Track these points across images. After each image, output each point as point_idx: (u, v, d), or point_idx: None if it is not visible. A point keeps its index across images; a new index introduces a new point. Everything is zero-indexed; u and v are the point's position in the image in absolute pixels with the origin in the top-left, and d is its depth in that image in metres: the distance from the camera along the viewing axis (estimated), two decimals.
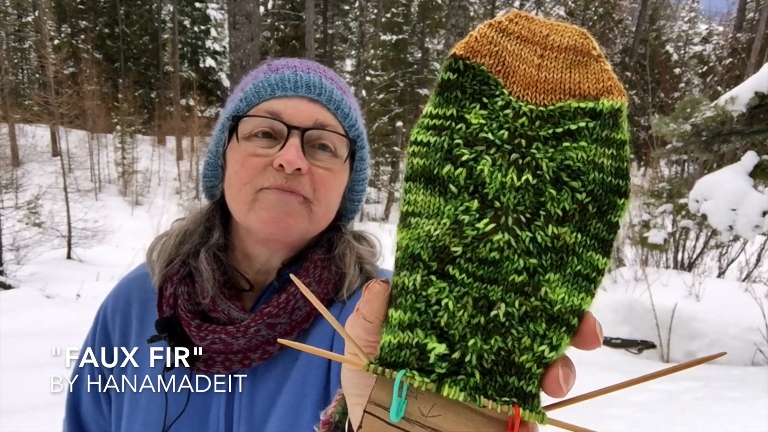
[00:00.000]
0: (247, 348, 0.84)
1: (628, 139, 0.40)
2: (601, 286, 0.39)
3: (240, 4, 6.55)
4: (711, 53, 30.19)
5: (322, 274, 0.88)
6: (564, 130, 0.39)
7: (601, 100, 0.40)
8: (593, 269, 0.38)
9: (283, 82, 0.88)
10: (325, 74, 0.93)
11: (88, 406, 1.02)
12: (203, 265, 0.88)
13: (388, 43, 24.91)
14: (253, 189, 0.84)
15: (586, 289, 0.38)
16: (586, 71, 0.41)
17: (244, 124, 0.87)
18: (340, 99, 0.90)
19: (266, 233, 0.86)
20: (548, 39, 0.41)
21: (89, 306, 6.41)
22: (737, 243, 8.72)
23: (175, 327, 0.87)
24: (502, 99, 0.41)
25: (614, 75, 0.41)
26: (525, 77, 0.41)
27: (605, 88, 0.40)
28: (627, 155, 0.39)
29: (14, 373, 4.12)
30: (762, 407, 3.93)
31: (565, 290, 0.37)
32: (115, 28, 32.07)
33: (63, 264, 10.19)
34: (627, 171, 0.39)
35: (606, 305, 6.29)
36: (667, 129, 5.94)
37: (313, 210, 0.87)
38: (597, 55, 0.41)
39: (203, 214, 0.96)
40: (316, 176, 0.86)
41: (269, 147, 0.85)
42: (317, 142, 0.88)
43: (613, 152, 0.39)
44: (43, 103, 13.68)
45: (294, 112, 0.86)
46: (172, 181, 24.91)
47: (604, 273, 0.39)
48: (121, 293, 1.01)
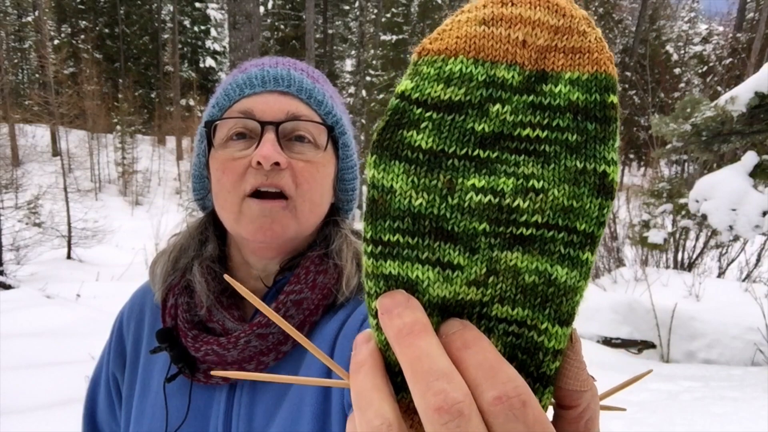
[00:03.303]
0: (242, 359, 0.83)
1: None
2: (601, 287, 0.38)
3: (240, 4, 6.55)
4: (711, 53, 30.22)
5: (316, 279, 0.86)
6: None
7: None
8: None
9: (250, 80, 0.86)
10: (294, 66, 0.91)
11: (104, 410, 1.03)
12: (196, 278, 0.87)
13: (388, 43, 24.92)
14: (238, 197, 0.83)
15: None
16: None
17: (218, 130, 0.86)
18: (312, 87, 0.88)
19: (256, 242, 0.85)
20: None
21: (89, 306, 6.41)
22: (737, 243, 8.73)
23: (176, 338, 0.87)
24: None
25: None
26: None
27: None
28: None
29: (14, 373, 4.13)
30: (761, 407, 3.93)
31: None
32: (115, 28, 32.08)
33: (63, 264, 10.20)
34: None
35: (606, 305, 6.29)
36: (667, 129, 5.94)
37: (298, 209, 0.85)
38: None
39: (197, 227, 0.96)
40: (296, 170, 0.84)
41: (246, 148, 0.84)
42: (293, 134, 0.86)
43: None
44: (43, 103, 13.69)
45: (265, 107, 0.84)
46: (172, 181, 24.93)
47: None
48: (137, 301, 1.02)
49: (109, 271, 9.34)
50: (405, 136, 0.34)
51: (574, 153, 0.33)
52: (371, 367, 0.33)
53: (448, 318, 0.34)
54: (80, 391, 3.54)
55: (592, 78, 0.34)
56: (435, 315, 0.34)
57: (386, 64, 24.87)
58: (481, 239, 0.33)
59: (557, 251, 0.33)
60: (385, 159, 0.34)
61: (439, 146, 0.34)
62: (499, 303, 0.34)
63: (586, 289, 0.34)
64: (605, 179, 0.33)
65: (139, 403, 0.92)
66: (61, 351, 4.70)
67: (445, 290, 0.34)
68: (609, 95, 0.34)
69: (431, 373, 0.29)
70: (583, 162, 0.33)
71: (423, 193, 0.33)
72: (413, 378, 0.29)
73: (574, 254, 0.33)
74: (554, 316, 0.33)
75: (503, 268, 0.34)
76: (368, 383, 0.32)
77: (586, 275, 0.34)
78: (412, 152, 0.34)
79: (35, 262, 9.27)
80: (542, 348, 0.33)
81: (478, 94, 0.34)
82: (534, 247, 0.33)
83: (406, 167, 0.34)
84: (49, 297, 6.76)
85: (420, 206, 0.33)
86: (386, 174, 0.34)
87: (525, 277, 0.33)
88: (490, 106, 0.34)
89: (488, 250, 0.34)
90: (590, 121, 0.33)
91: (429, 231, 0.34)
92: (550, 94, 0.34)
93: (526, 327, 0.34)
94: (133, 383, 0.95)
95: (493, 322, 0.34)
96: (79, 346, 4.70)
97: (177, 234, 0.98)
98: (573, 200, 0.33)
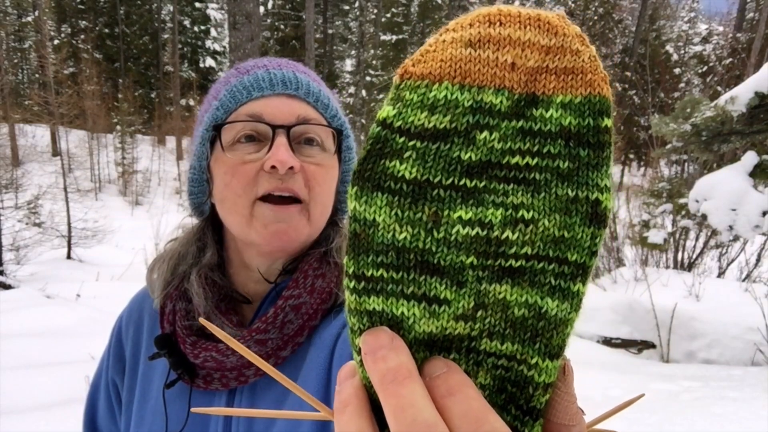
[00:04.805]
0: (241, 365, 0.82)
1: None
2: (601, 287, 0.37)
3: (240, 4, 6.55)
4: (711, 53, 30.21)
5: (314, 283, 0.85)
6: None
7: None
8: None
9: (258, 82, 0.85)
10: (297, 69, 0.91)
11: (104, 415, 1.03)
12: (194, 288, 0.87)
13: (388, 43, 24.92)
14: (249, 201, 0.82)
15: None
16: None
17: (225, 132, 0.85)
18: (318, 91, 0.88)
19: (270, 247, 0.84)
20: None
21: (89, 306, 6.41)
22: (737, 243, 8.73)
23: (175, 344, 0.87)
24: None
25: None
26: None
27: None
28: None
29: (14, 373, 4.13)
30: (761, 407, 3.93)
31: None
32: (115, 28, 32.07)
33: (63, 264, 10.19)
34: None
35: (606, 305, 6.29)
36: (667, 129, 5.94)
37: (311, 213, 0.85)
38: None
39: (194, 233, 0.95)
40: (308, 173, 0.84)
41: (256, 151, 0.83)
42: (303, 137, 0.86)
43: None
44: (43, 103, 13.68)
45: (275, 110, 0.84)
46: (172, 181, 24.92)
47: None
48: (136, 305, 1.01)
49: (109, 271, 9.33)
50: (387, 167, 0.32)
51: (566, 181, 0.32)
52: (356, 408, 0.32)
53: (436, 353, 0.33)
54: (80, 391, 3.54)
55: (585, 101, 0.32)
56: (421, 351, 0.33)
57: (386, 64, 24.88)
58: (469, 272, 0.32)
59: (547, 283, 0.32)
60: (367, 191, 0.32)
61: (424, 176, 0.32)
62: (488, 337, 0.33)
63: (576, 320, 0.33)
64: (598, 207, 0.32)
65: (139, 409, 0.92)
66: (61, 351, 4.70)
67: (431, 326, 0.33)
68: (603, 119, 0.32)
69: (415, 425, 0.28)
70: (575, 190, 0.32)
71: (407, 226, 0.32)
72: (397, 428, 0.29)
73: (564, 286, 0.32)
74: (544, 350, 0.32)
75: (492, 302, 0.33)
76: (353, 426, 0.31)
77: (577, 307, 0.33)
78: (395, 183, 0.32)
79: (35, 262, 9.26)
80: (532, 382, 0.33)
81: (464, 121, 0.32)
82: (523, 280, 0.32)
83: (389, 199, 0.32)
84: (49, 297, 6.76)
85: (404, 240, 0.32)
86: (368, 207, 0.32)
87: (514, 311, 0.32)
88: (477, 134, 0.32)
89: (476, 283, 0.32)
90: (583, 147, 0.32)
91: (414, 265, 0.32)
92: (541, 120, 0.32)
93: (515, 361, 0.33)
94: (133, 388, 0.95)
95: (482, 356, 0.33)
96: (79, 346, 4.70)
97: (174, 240, 0.97)
98: (564, 230, 0.32)
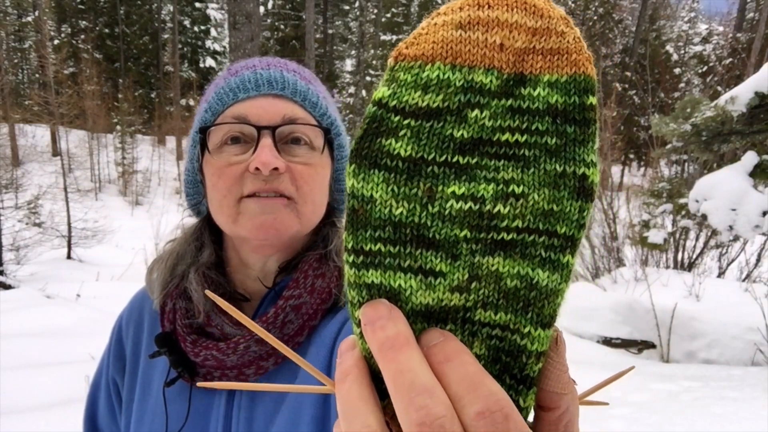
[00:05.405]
0: (241, 364, 0.83)
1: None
2: (601, 287, 0.38)
3: (240, 4, 6.55)
4: (711, 53, 30.22)
5: (314, 284, 0.85)
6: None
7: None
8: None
9: (243, 84, 0.85)
10: (286, 67, 0.90)
11: (104, 414, 1.03)
12: (192, 287, 0.87)
13: (388, 43, 24.93)
14: (234, 199, 0.82)
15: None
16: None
17: (212, 135, 0.85)
18: (305, 89, 0.88)
19: (258, 240, 0.84)
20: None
21: (89, 306, 6.41)
22: (737, 243, 8.73)
23: (175, 342, 0.87)
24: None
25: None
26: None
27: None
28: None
29: (14, 373, 4.13)
30: (761, 407, 3.93)
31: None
32: (115, 28, 32.07)
33: (63, 264, 10.20)
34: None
35: (606, 305, 6.29)
36: (667, 129, 5.94)
37: (300, 210, 0.84)
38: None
39: (192, 233, 0.95)
40: (296, 173, 0.83)
41: (242, 153, 0.83)
42: (290, 137, 0.85)
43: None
44: (43, 103, 13.70)
45: (260, 111, 0.83)
46: (172, 181, 24.93)
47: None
48: (136, 305, 1.01)
49: (109, 271, 9.34)
50: (383, 145, 0.34)
51: (554, 156, 0.33)
52: (357, 377, 0.33)
53: (433, 325, 0.34)
54: (80, 391, 3.54)
55: (570, 80, 0.34)
56: (419, 322, 0.34)
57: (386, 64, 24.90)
58: (463, 245, 0.34)
59: (538, 255, 0.33)
60: (364, 168, 0.34)
61: (419, 154, 0.34)
62: (482, 308, 0.34)
63: (567, 291, 0.34)
64: (585, 182, 0.33)
65: (139, 407, 0.92)
66: (61, 351, 4.70)
67: (428, 297, 0.34)
68: (588, 97, 0.34)
69: (413, 388, 0.29)
70: (563, 165, 0.33)
71: (403, 201, 0.33)
72: (396, 392, 0.30)
73: (555, 257, 0.33)
74: (536, 319, 0.34)
75: (485, 274, 0.34)
76: (354, 393, 0.32)
77: (567, 278, 0.34)
78: (391, 160, 0.34)
79: (35, 262, 9.27)
80: (525, 351, 0.34)
81: (456, 100, 0.34)
82: (515, 252, 0.34)
83: (385, 176, 0.34)
84: (49, 297, 6.76)
85: (401, 215, 0.33)
86: (366, 183, 0.34)
87: (507, 282, 0.34)
88: (469, 112, 0.34)
89: (470, 256, 0.34)
90: (569, 124, 0.33)
91: (410, 239, 0.34)
92: (529, 98, 0.34)
93: (509, 331, 0.34)
94: (133, 387, 0.95)
95: (476, 326, 0.34)
96: (79, 346, 4.70)
97: (172, 240, 0.97)
98: (553, 204, 0.33)
